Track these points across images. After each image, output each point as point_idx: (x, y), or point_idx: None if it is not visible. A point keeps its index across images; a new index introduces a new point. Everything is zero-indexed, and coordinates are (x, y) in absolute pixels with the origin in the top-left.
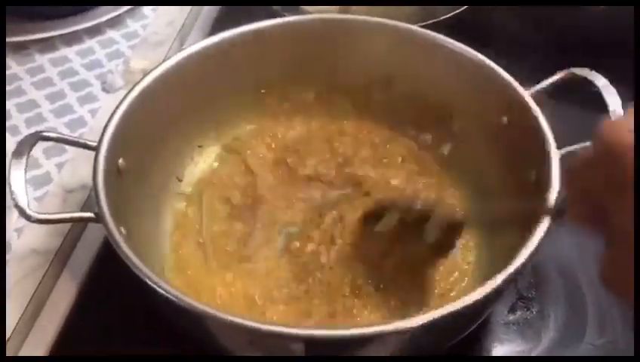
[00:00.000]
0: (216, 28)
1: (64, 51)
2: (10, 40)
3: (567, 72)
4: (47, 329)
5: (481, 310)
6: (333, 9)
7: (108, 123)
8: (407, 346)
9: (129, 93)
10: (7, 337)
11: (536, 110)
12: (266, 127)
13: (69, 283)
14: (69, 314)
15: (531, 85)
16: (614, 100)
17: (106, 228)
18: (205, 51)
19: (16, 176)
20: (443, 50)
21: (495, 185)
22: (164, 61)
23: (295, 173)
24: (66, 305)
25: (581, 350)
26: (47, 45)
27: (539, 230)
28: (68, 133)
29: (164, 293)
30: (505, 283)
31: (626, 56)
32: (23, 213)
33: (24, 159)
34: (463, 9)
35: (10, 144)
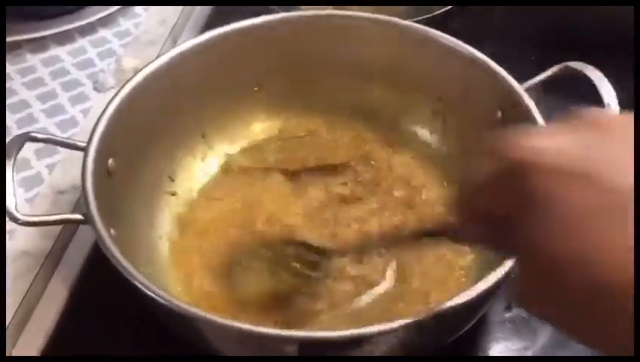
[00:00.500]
0: (209, 26)
1: (56, 51)
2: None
3: (561, 65)
4: (38, 331)
5: (478, 308)
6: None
7: (97, 123)
8: (404, 344)
9: (118, 92)
10: None
11: (530, 104)
12: (259, 124)
13: (60, 286)
14: (59, 317)
15: (525, 79)
16: (609, 94)
17: (95, 229)
18: (196, 49)
19: (4, 178)
20: (436, 45)
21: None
22: (154, 59)
23: (287, 172)
24: (57, 307)
25: (577, 348)
26: (38, 45)
27: None
28: (59, 134)
29: (152, 295)
30: (500, 281)
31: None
32: (10, 215)
33: (12, 160)
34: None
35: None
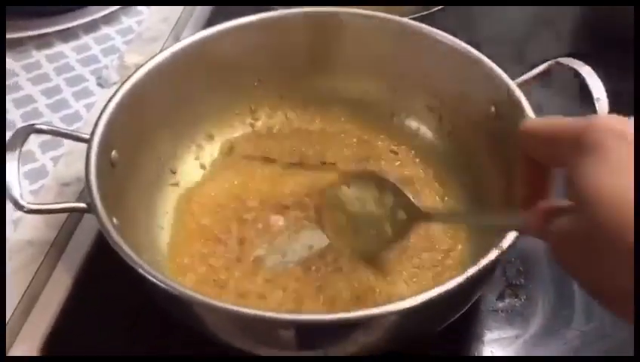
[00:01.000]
0: (210, 23)
1: (60, 47)
2: (8, 37)
3: (552, 62)
4: (41, 319)
5: (469, 293)
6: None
7: (100, 115)
8: (396, 330)
9: (122, 86)
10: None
11: (523, 99)
12: (259, 119)
13: (63, 275)
14: (63, 306)
15: (518, 75)
16: (598, 89)
17: (98, 218)
18: (197, 45)
19: (10, 168)
20: (431, 42)
21: (483, 174)
22: (157, 54)
23: (286, 165)
24: (61, 296)
25: (569, 336)
26: (43, 42)
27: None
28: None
29: (154, 280)
30: (490, 266)
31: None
32: (16, 203)
33: (17, 151)
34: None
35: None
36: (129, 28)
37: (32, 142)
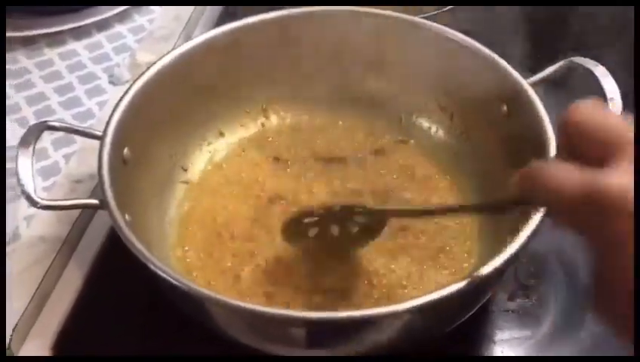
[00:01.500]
0: (222, 22)
1: (73, 45)
2: (21, 34)
3: (566, 61)
4: (53, 317)
5: (478, 294)
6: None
7: (113, 113)
8: (406, 330)
9: (134, 84)
10: (14, 324)
11: (535, 99)
12: (271, 116)
13: (75, 271)
14: (75, 303)
15: (531, 75)
16: (612, 89)
17: (111, 214)
18: (208, 44)
19: (24, 164)
20: (443, 40)
21: (496, 174)
22: (168, 53)
23: (302, 165)
24: (73, 293)
25: (581, 337)
26: (56, 40)
27: (534, 217)
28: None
29: (165, 276)
30: (499, 269)
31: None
32: (29, 199)
33: (31, 147)
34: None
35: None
36: (141, 26)
37: (45, 140)
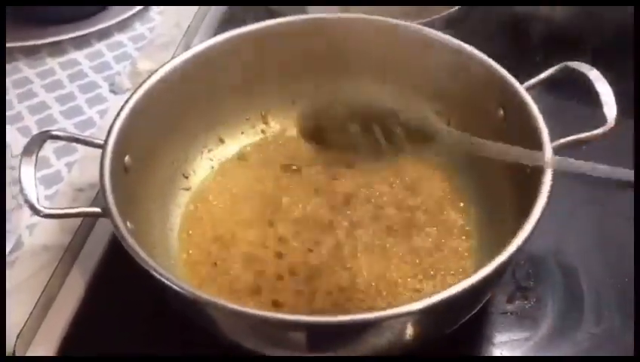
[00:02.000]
0: (222, 29)
1: (74, 55)
2: (23, 44)
3: (561, 65)
4: (57, 322)
5: (479, 295)
6: (334, 9)
7: (114, 121)
8: (405, 333)
9: (135, 92)
10: (18, 331)
11: (531, 103)
12: (271, 123)
13: (78, 279)
14: (78, 310)
15: (526, 79)
16: (607, 93)
17: (113, 222)
18: (208, 51)
19: (26, 173)
20: (438, 46)
21: (492, 177)
22: (168, 61)
23: (299, 173)
24: (76, 300)
25: (579, 338)
26: (57, 49)
27: (532, 218)
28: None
29: (167, 283)
30: (499, 269)
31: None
32: (32, 208)
33: (34, 156)
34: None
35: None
36: (141, 35)
37: (47, 148)
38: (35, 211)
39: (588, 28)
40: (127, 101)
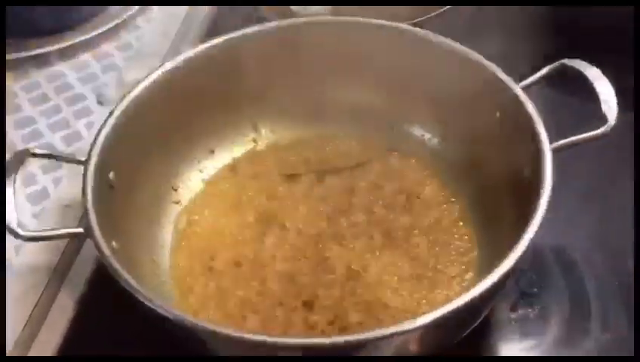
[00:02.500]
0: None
1: (59, 66)
2: (7, 58)
3: (558, 63)
4: (47, 344)
5: (481, 307)
6: (322, 10)
7: (96, 137)
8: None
9: (117, 105)
10: (9, 351)
11: (528, 104)
12: (263, 131)
13: (67, 299)
14: (68, 329)
15: (522, 78)
16: (607, 91)
17: (95, 243)
18: (195, 59)
19: (6, 195)
20: (433, 47)
21: (491, 181)
22: (152, 72)
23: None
24: (66, 320)
25: (585, 346)
26: (42, 61)
27: (533, 223)
28: (64, 148)
29: (153, 307)
30: (501, 281)
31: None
32: (12, 231)
33: (12, 178)
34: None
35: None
36: (128, 44)
37: (33, 164)
38: (16, 235)
39: (585, 24)
40: (110, 114)
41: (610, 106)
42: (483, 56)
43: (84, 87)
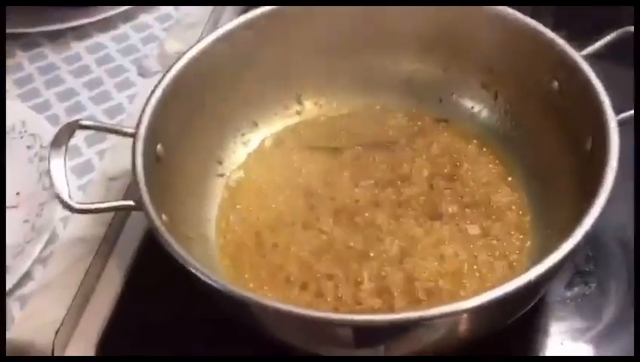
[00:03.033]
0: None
1: (99, 38)
2: (47, 29)
3: (621, 31)
4: (96, 317)
5: (539, 288)
6: None
7: (144, 109)
8: (457, 330)
9: (163, 77)
10: (57, 328)
11: (590, 73)
12: (306, 103)
13: (115, 271)
14: (116, 303)
15: (583, 46)
16: None
17: (147, 216)
18: (237, 30)
19: (56, 167)
20: (485, 14)
21: (547, 154)
22: (198, 42)
23: (342, 154)
24: (113, 293)
25: None
26: (81, 33)
27: (597, 202)
28: (107, 120)
29: (207, 280)
30: (563, 261)
31: None
32: (64, 203)
33: (63, 148)
34: None
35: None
36: (167, 14)
37: (78, 137)
38: (67, 207)
39: None
40: (155, 87)
41: None
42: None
43: (124, 59)
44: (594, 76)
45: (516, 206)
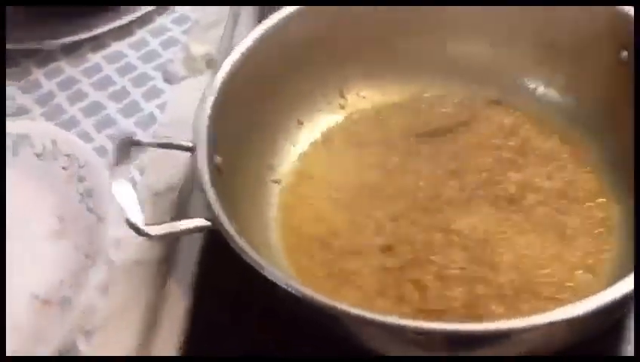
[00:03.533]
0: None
1: (117, 46)
2: (59, 42)
3: None
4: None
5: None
6: None
7: (198, 120)
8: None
9: (210, 85)
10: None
11: None
12: (355, 96)
13: (178, 290)
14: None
15: None
16: None
17: (226, 234)
18: (279, 27)
19: (122, 190)
20: None
21: (622, 133)
22: (238, 45)
23: (395, 147)
24: (182, 312)
25: None
26: (97, 43)
27: None
28: (140, 133)
29: (296, 294)
30: None
31: None
32: (137, 230)
33: (125, 169)
34: None
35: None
36: (184, 15)
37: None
38: (142, 234)
39: None
40: (204, 96)
41: None
42: None
43: (146, 66)
44: None
45: (593, 195)
